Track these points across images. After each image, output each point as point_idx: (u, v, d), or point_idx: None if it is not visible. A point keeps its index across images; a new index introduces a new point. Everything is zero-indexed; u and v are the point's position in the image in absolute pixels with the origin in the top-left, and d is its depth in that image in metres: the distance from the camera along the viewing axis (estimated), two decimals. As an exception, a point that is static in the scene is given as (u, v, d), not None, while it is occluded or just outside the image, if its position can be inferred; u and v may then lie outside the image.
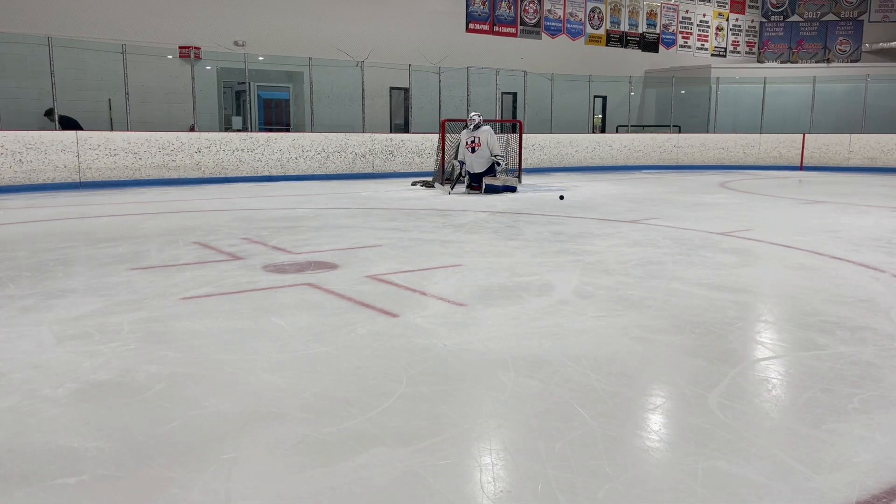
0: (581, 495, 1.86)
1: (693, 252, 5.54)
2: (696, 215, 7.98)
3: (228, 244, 5.73)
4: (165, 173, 11.67)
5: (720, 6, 23.28)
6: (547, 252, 5.44)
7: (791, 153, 17.65)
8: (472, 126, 10.35)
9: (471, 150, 10.39)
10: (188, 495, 1.86)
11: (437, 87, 15.52)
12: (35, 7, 12.53)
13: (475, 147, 10.35)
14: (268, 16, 14.90)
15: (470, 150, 10.40)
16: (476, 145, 10.34)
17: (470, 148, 10.40)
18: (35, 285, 4.21)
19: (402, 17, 16.77)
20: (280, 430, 2.27)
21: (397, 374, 2.76)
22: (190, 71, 12.80)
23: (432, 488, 1.90)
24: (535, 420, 2.34)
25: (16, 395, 2.51)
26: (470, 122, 10.35)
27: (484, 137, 10.32)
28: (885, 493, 1.88)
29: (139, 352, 3.00)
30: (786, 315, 3.80)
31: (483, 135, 10.32)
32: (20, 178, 10.35)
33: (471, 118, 10.41)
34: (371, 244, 5.78)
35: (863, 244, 5.96)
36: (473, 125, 10.34)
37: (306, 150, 13.13)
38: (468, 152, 10.46)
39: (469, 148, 10.41)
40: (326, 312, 3.66)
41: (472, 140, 10.36)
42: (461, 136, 10.54)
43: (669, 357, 3.04)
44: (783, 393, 2.67)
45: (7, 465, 2.01)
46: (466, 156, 10.53)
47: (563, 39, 19.79)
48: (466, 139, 10.43)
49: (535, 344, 3.15)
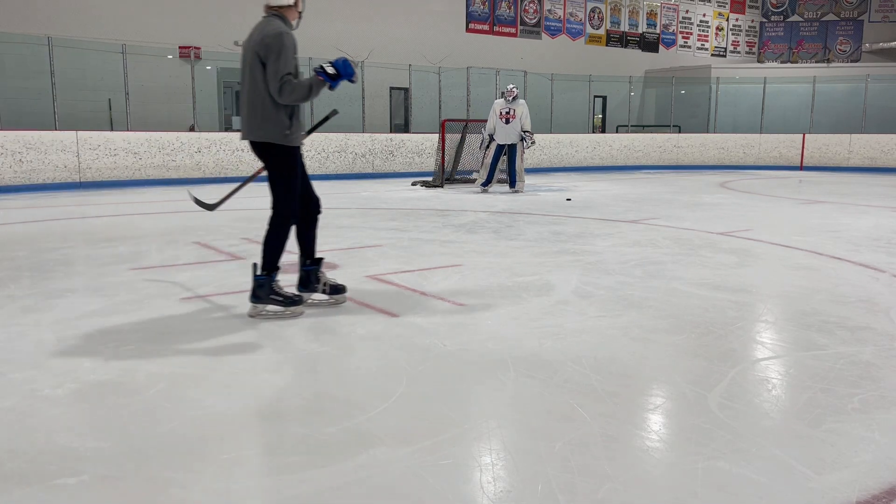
0: (581, 495, 1.86)
1: (693, 252, 5.54)
2: (696, 215, 7.98)
3: (228, 244, 5.73)
4: (165, 173, 11.66)
5: (720, 6, 23.29)
6: (547, 252, 5.44)
7: (791, 153, 17.65)
8: (511, 98, 10.53)
9: (505, 120, 10.54)
10: (188, 495, 1.86)
11: (437, 87, 15.53)
12: (35, 7, 12.54)
13: (510, 118, 10.52)
14: (268, 16, 14.88)
15: (504, 121, 10.55)
16: (511, 116, 10.51)
17: (504, 119, 10.52)
18: (35, 285, 4.22)
19: (402, 17, 16.77)
20: (280, 430, 2.27)
21: (397, 374, 2.76)
22: (190, 71, 12.80)
23: (432, 488, 1.90)
24: (535, 420, 2.34)
25: (16, 395, 2.51)
26: (509, 93, 10.53)
27: (520, 110, 10.52)
28: (885, 493, 1.88)
29: (139, 352, 3.00)
30: (786, 315, 3.80)
31: (519, 107, 10.52)
32: (20, 178, 10.35)
33: (510, 89, 10.57)
34: (371, 244, 5.78)
35: (863, 244, 5.96)
36: (512, 97, 10.53)
37: (306, 150, 13.07)
38: (501, 122, 10.55)
39: (503, 119, 10.54)
40: (326, 312, 3.66)
41: (508, 111, 10.51)
42: (495, 106, 10.62)
43: (669, 357, 3.04)
44: (783, 393, 2.67)
45: (7, 465, 2.01)
46: (499, 126, 10.59)
47: (563, 39, 19.80)
48: (501, 109, 10.54)
49: (535, 344, 3.15)
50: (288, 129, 3.50)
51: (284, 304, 3.56)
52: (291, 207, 3.63)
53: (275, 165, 3.58)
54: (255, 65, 3.45)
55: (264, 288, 3.53)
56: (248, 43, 3.52)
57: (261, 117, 3.47)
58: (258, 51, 3.43)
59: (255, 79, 3.46)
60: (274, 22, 3.52)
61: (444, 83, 15.55)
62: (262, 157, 3.58)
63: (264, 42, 3.42)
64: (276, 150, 3.53)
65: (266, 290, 3.54)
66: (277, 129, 3.47)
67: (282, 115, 3.47)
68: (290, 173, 3.60)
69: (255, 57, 3.44)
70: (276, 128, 3.47)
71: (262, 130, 3.49)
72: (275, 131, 3.48)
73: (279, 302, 3.56)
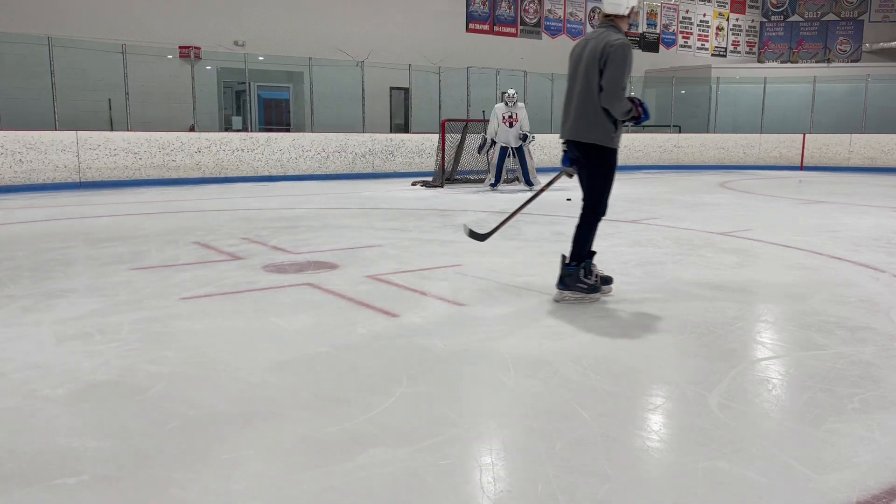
0: (581, 495, 1.86)
1: (693, 252, 5.54)
2: (696, 215, 7.98)
3: (228, 244, 5.73)
4: (165, 173, 11.66)
5: (720, 6, 23.28)
6: (547, 252, 5.44)
7: (791, 153, 17.65)
8: (512, 102, 11.05)
9: (508, 124, 11.06)
10: (188, 496, 1.86)
11: (437, 87, 15.52)
12: (35, 7, 12.54)
13: (513, 122, 11.07)
14: (268, 16, 14.90)
15: (508, 125, 11.07)
16: (514, 120, 11.06)
17: (508, 122, 11.06)
18: (35, 285, 4.22)
19: (402, 17, 16.77)
20: (280, 430, 2.27)
21: (397, 374, 2.76)
22: (190, 71, 12.80)
23: (432, 488, 1.90)
24: (535, 420, 2.34)
25: (16, 395, 2.51)
26: (510, 99, 11.06)
27: (521, 114, 11.10)
28: (885, 493, 1.88)
29: (139, 352, 3.00)
30: (786, 315, 3.80)
31: (520, 111, 11.10)
32: (20, 178, 10.35)
33: (511, 95, 11.10)
34: (371, 244, 5.78)
35: (863, 244, 5.95)
36: (513, 102, 11.05)
37: (306, 150, 13.13)
38: (506, 126, 11.06)
39: (507, 122, 11.06)
40: (326, 312, 3.66)
41: (511, 115, 11.05)
42: (497, 111, 11.11)
43: (669, 357, 3.04)
44: (783, 393, 2.67)
45: (7, 465, 2.01)
46: (502, 129, 11.08)
47: (563, 39, 19.79)
48: (504, 113, 11.05)
49: (535, 344, 3.15)
50: (614, 133, 3.80)
51: (586, 292, 3.90)
52: (604, 206, 3.92)
53: (598, 165, 3.86)
54: (592, 71, 3.72)
55: (572, 276, 3.89)
56: (582, 49, 3.84)
57: (591, 121, 3.78)
58: (598, 57, 3.69)
59: (589, 84, 3.75)
60: (614, 31, 3.77)
61: (444, 83, 15.55)
62: (586, 157, 3.86)
63: (607, 50, 3.67)
64: (603, 151, 3.81)
65: (574, 279, 3.89)
66: (606, 132, 3.77)
67: (609, 120, 3.76)
68: (610, 174, 3.89)
69: (593, 63, 3.71)
70: (605, 131, 3.77)
71: (591, 133, 3.80)
72: (603, 134, 3.78)
73: (582, 290, 3.89)
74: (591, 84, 3.73)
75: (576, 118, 3.84)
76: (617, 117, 3.75)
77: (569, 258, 3.91)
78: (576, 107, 3.84)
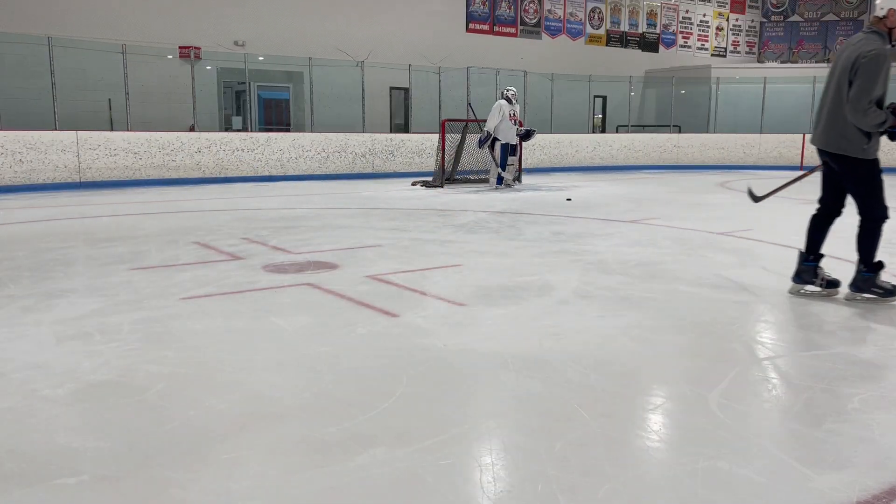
0: (581, 495, 1.86)
1: (693, 252, 5.54)
2: (697, 215, 7.98)
3: (228, 244, 5.73)
4: (165, 173, 11.66)
5: (720, 6, 23.28)
6: (547, 252, 5.44)
7: (791, 153, 17.64)
8: (515, 101, 11.52)
9: (514, 122, 11.47)
10: (188, 496, 1.86)
11: (437, 87, 15.52)
12: (35, 7, 12.53)
13: (516, 119, 11.54)
14: (268, 16, 14.90)
15: (514, 122, 11.46)
16: (516, 118, 11.54)
17: (514, 120, 11.47)
18: (35, 285, 4.22)
19: (402, 17, 16.76)
20: (280, 430, 2.27)
21: (397, 374, 2.76)
22: (190, 71, 12.80)
23: (432, 488, 1.90)
24: (535, 420, 2.34)
25: (16, 395, 2.51)
26: (513, 97, 11.50)
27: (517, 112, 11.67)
28: (885, 493, 1.88)
29: (139, 352, 3.00)
30: (786, 315, 3.80)
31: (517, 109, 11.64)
32: (20, 178, 10.35)
33: (513, 94, 11.56)
34: (371, 244, 5.78)
35: (863, 244, 5.94)
36: (515, 100, 11.54)
37: (306, 150, 13.13)
38: (511, 124, 11.39)
39: (513, 120, 11.46)
40: (326, 312, 3.66)
41: (514, 113, 11.52)
42: (503, 109, 11.38)
43: (669, 357, 3.04)
44: (783, 393, 2.67)
45: (7, 465, 2.01)
46: (507, 126, 11.36)
47: (563, 39, 19.79)
48: (509, 111, 11.41)
49: (535, 344, 3.15)
50: (866, 144, 3.70)
51: (882, 296, 3.89)
52: (879, 211, 3.80)
53: (854, 175, 3.80)
54: (843, 80, 3.66)
55: (868, 282, 3.91)
56: (839, 55, 3.76)
57: (840, 131, 3.70)
58: (850, 68, 3.62)
59: (840, 93, 3.68)
60: (872, 40, 3.66)
61: (444, 83, 15.55)
62: (840, 168, 3.80)
63: (859, 62, 3.59)
64: (855, 162, 3.74)
65: (868, 283, 3.91)
66: (856, 143, 3.69)
67: (860, 131, 3.67)
68: (873, 181, 3.78)
69: (844, 73, 3.65)
70: (855, 143, 3.68)
71: (839, 144, 3.72)
72: (852, 146, 3.70)
73: (879, 294, 3.89)
74: (842, 94, 3.66)
75: (826, 126, 3.79)
76: (865, 129, 3.64)
77: (863, 265, 3.90)
78: (826, 115, 3.79)
